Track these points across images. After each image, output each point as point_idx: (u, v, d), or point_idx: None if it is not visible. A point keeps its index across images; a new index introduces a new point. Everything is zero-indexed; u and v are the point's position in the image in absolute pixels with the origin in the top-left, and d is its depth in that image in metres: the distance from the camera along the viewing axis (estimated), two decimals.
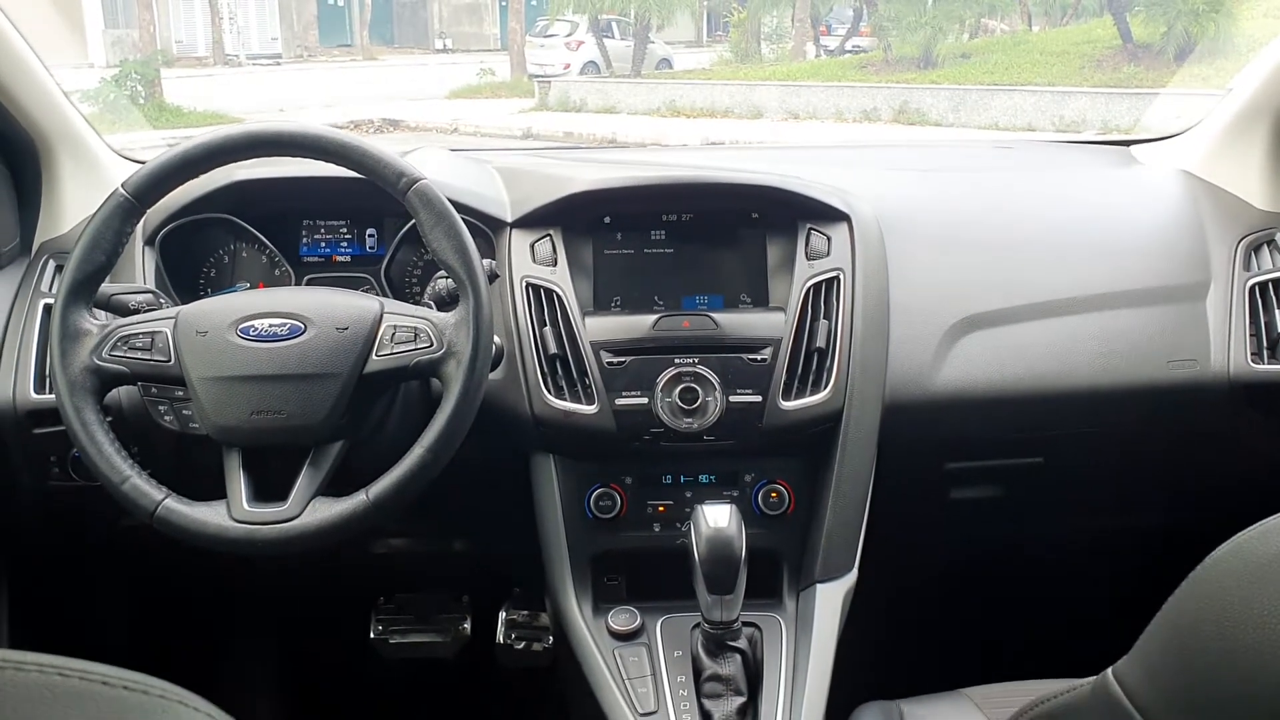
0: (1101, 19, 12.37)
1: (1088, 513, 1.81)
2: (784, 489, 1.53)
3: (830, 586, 1.48)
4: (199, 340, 1.30)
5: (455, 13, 20.36)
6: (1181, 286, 1.64)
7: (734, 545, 1.31)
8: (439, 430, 1.28)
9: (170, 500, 1.28)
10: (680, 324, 1.50)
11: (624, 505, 1.53)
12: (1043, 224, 1.71)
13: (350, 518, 1.27)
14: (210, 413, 1.29)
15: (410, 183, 1.30)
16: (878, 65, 12.31)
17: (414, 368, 1.30)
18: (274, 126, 1.33)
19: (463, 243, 1.30)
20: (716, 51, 16.41)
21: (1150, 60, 10.78)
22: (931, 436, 1.58)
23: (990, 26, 14.15)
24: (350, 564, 1.97)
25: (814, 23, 14.27)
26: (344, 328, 1.30)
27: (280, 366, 1.28)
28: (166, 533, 1.28)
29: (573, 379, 1.48)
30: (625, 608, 1.48)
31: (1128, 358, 1.58)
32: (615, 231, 1.59)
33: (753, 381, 1.48)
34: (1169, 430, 1.62)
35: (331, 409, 1.28)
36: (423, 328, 1.31)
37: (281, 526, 1.26)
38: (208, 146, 1.32)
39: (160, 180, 1.32)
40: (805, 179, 1.61)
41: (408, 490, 1.28)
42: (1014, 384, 1.56)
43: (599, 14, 14.05)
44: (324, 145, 1.31)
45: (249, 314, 1.31)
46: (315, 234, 1.67)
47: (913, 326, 1.56)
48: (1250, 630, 0.56)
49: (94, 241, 1.30)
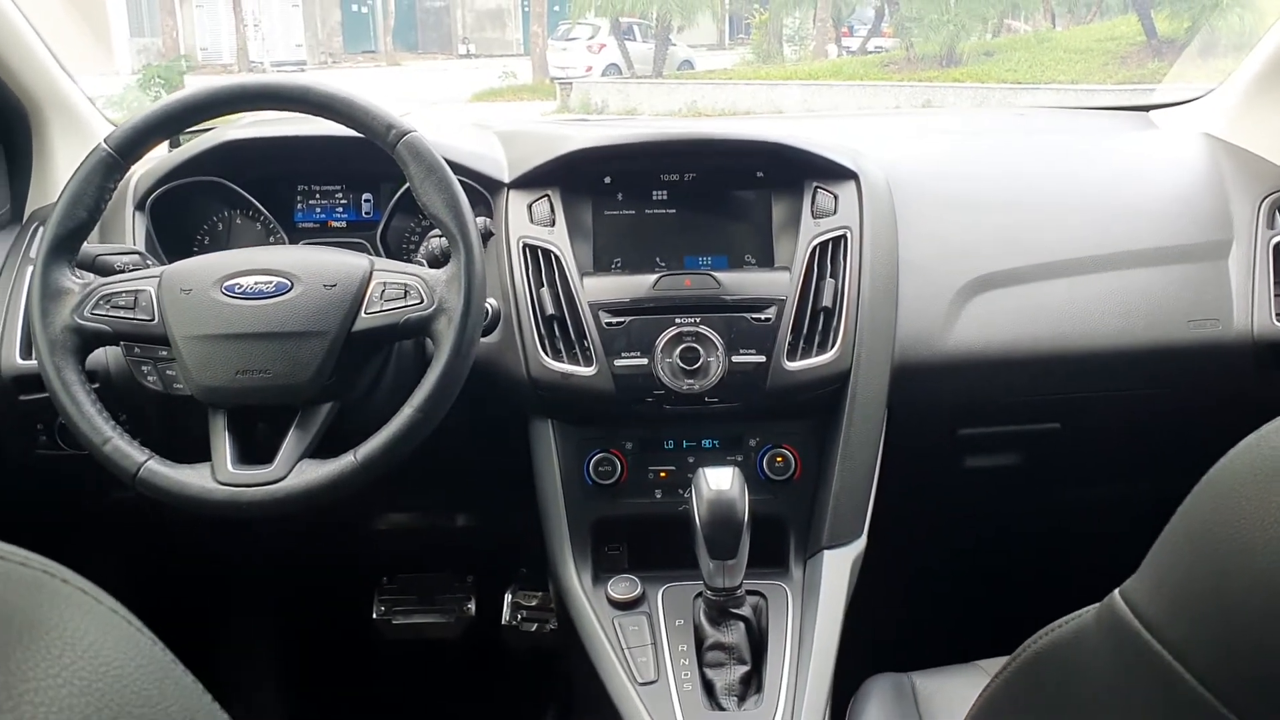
0: (1125, 16, 12.27)
1: (1106, 480, 1.76)
2: (790, 453, 1.48)
3: (838, 553, 1.44)
4: (183, 298, 1.27)
5: (478, 18, 20.45)
6: (1202, 245, 1.59)
7: (736, 508, 1.27)
8: (430, 389, 1.25)
9: (153, 462, 1.25)
10: (682, 283, 1.46)
11: (624, 471, 1.48)
12: (1058, 183, 1.67)
13: (338, 479, 1.24)
14: (194, 372, 1.26)
15: (400, 134, 1.27)
16: (900, 64, 12.25)
17: (404, 325, 1.27)
18: (260, 79, 1.30)
19: (454, 196, 1.27)
20: (738, 54, 16.40)
21: (1174, 55, 10.67)
22: (943, 400, 1.54)
23: (1014, 26, 14.07)
24: (352, 542, 1.95)
25: (835, 23, 14.22)
26: (332, 285, 1.27)
27: (266, 324, 1.25)
28: (149, 495, 1.25)
29: (570, 341, 1.44)
30: (626, 576, 1.44)
31: (1147, 317, 1.53)
32: (616, 192, 1.55)
33: (756, 342, 1.43)
34: (1189, 392, 1.57)
35: (319, 368, 1.25)
36: (413, 284, 1.28)
37: (267, 488, 1.24)
38: (192, 100, 1.29)
39: (143, 134, 1.29)
40: (811, 138, 1.57)
41: (397, 451, 1.24)
42: (1029, 345, 1.51)
43: (620, 17, 14.04)
44: (310, 97, 1.28)
45: (234, 271, 1.28)
46: (310, 199, 1.64)
47: (923, 286, 1.52)
48: (1266, 528, 0.51)
49: (75, 198, 1.27)
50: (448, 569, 1.99)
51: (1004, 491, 1.74)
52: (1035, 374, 1.53)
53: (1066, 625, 0.67)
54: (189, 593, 1.95)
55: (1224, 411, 1.59)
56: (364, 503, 1.78)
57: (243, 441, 1.29)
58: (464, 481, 1.72)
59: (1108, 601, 0.63)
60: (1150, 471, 1.72)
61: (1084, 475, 1.74)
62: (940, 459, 1.62)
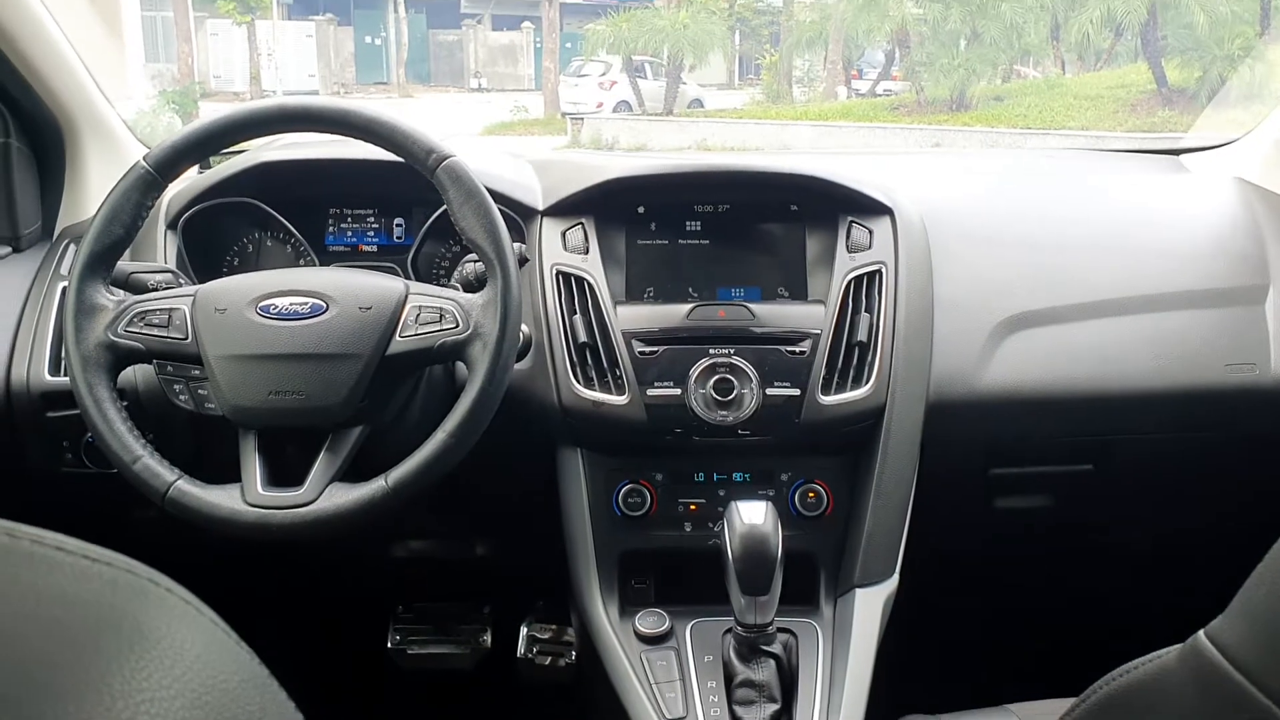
0: (1136, 64, 12.34)
1: (1140, 523, 1.74)
2: (822, 489, 1.46)
3: (870, 592, 1.41)
4: (217, 317, 1.26)
5: (491, 53, 20.64)
6: (1238, 289, 1.58)
7: (770, 543, 1.25)
8: (463, 414, 1.23)
9: (183, 482, 1.24)
10: (716, 314, 1.45)
11: (654, 503, 1.46)
12: (1092, 224, 1.66)
13: (369, 503, 1.23)
14: (227, 392, 1.25)
15: (440, 159, 1.26)
16: (910, 107, 12.32)
17: (439, 349, 1.26)
18: (301, 101, 1.30)
19: (493, 221, 1.26)
20: (748, 94, 16.52)
21: (1185, 104, 10.75)
22: (976, 439, 1.53)
23: (1024, 72, 14.16)
24: (369, 569, 1.92)
25: (845, 66, 14.32)
26: (367, 307, 1.26)
27: (300, 346, 1.24)
28: (178, 515, 1.24)
29: (603, 368, 1.43)
30: (653, 610, 1.42)
31: (1182, 360, 1.52)
32: (649, 222, 1.55)
33: (791, 375, 1.42)
34: (1225, 436, 1.56)
35: (352, 391, 1.24)
36: (449, 308, 1.26)
37: (297, 511, 1.22)
38: (232, 120, 1.29)
39: (183, 153, 1.29)
40: (846, 172, 1.56)
41: (429, 476, 1.23)
42: (1064, 385, 1.50)
43: (632, 55, 14.16)
44: (351, 120, 1.28)
45: (269, 291, 1.27)
46: (342, 223, 1.64)
47: (958, 323, 1.50)
48: None
49: (113, 214, 1.26)
50: (464, 599, 1.97)
51: (1035, 533, 1.72)
52: (1070, 414, 1.52)
53: (1143, 667, 0.65)
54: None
55: (1260, 455, 1.58)
56: (385, 529, 1.75)
57: (272, 463, 1.27)
58: (487, 509, 1.70)
59: (1192, 644, 0.61)
60: (1184, 515, 1.71)
61: (1116, 518, 1.72)
62: (972, 499, 1.60)
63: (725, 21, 15.76)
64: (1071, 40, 12.15)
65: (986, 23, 11.98)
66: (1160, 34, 11.28)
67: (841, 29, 13.29)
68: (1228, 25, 10.81)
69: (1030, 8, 12.07)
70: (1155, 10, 11.03)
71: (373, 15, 20.32)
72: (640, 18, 13.86)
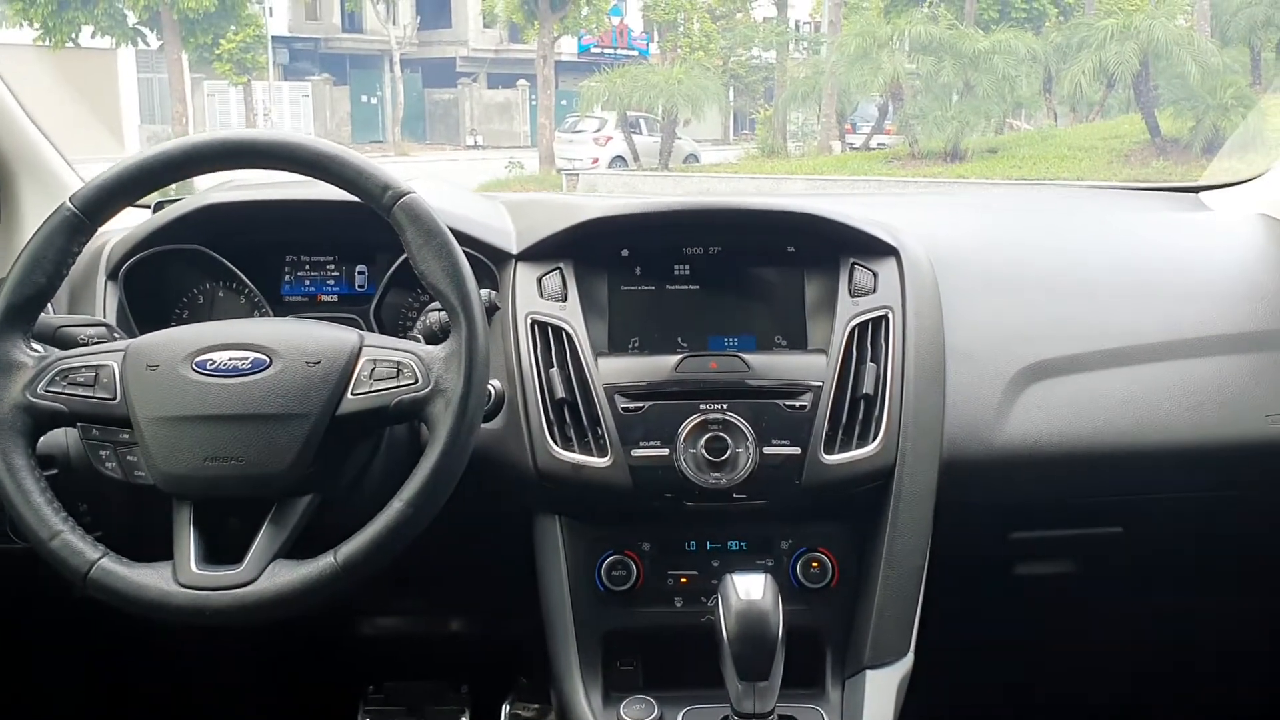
0: (1129, 115, 12.46)
1: (1175, 591, 1.65)
2: (826, 558, 1.36)
3: (882, 673, 1.32)
4: (149, 375, 1.16)
5: (486, 111, 20.84)
6: (1276, 333, 1.50)
7: (770, 621, 1.15)
8: (422, 480, 1.13)
9: (107, 560, 1.13)
10: (707, 365, 1.36)
11: (641, 576, 1.36)
12: (1114, 264, 1.59)
13: (315, 584, 1.12)
14: (158, 459, 1.14)
15: (397, 196, 1.16)
16: (904, 159, 12.40)
17: (395, 408, 1.15)
18: (244, 134, 1.20)
19: (455, 264, 1.16)
20: (743, 148, 16.65)
21: (1179, 155, 10.85)
22: (995, 500, 1.44)
23: (1017, 125, 14.28)
24: (336, 645, 1.81)
25: (839, 120, 14.44)
26: (315, 362, 1.16)
27: (240, 405, 1.14)
28: (102, 598, 1.14)
29: (583, 427, 1.33)
30: (641, 697, 1.32)
31: (1219, 411, 1.43)
32: (634, 266, 1.46)
33: (790, 432, 1.32)
34: (1268, 495, 1.47)
35: (298, 455, 1.14)
36: (407, 362, 1.16)
37: (234, 593, 1.12)
38: (168, 155, 1.18)
39: (112, 192, 1.18)
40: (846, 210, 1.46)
41: (383, 551, 1.12)
42: (1090, 439, 1.41)
43: (627, 110, 14.27)
44: (298, 154, 1.18)
45: (207, 345, 1.17)
46: (299, 271, 1.54)
47: (972, 373, 1.42)
48: None
49: (34, 261, 1.16)
50: (440, 677, 1.87)
51: (1061, 603, 1.64)
52: (1097, 472, 1.44)
53: None
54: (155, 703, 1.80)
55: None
56: (348, 606, 1.63)
57: (211, 538, 1.17)
58: (459, 583, 1.61)
59: None
60: (1225, 582, 1.60)
61: (1150, 585, 1.64)
62: (990, 566, 1.53)
63: (719, 77, 15.92)
64: (1064, 92, 12.30)
65: (979, 75, 12.12)
66: (1153, 84, 11.42)
67: (835, 83, 13.45)
68: (1219, 75, 10.96)
69: (1022, 60, 12.23)
70: (1147, 61, 11.16)
71: (369, 75, 20.58)
72: (635, 73, 14.04)
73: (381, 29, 19.36)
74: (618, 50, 19.71)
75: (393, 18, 19.56)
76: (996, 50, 12.05)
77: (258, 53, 16.14)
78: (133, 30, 14.45)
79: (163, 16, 14.14)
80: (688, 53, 17.20)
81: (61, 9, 13.23)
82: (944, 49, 12.19)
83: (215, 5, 14.21)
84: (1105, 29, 11.53)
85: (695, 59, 16.35)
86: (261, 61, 16.71)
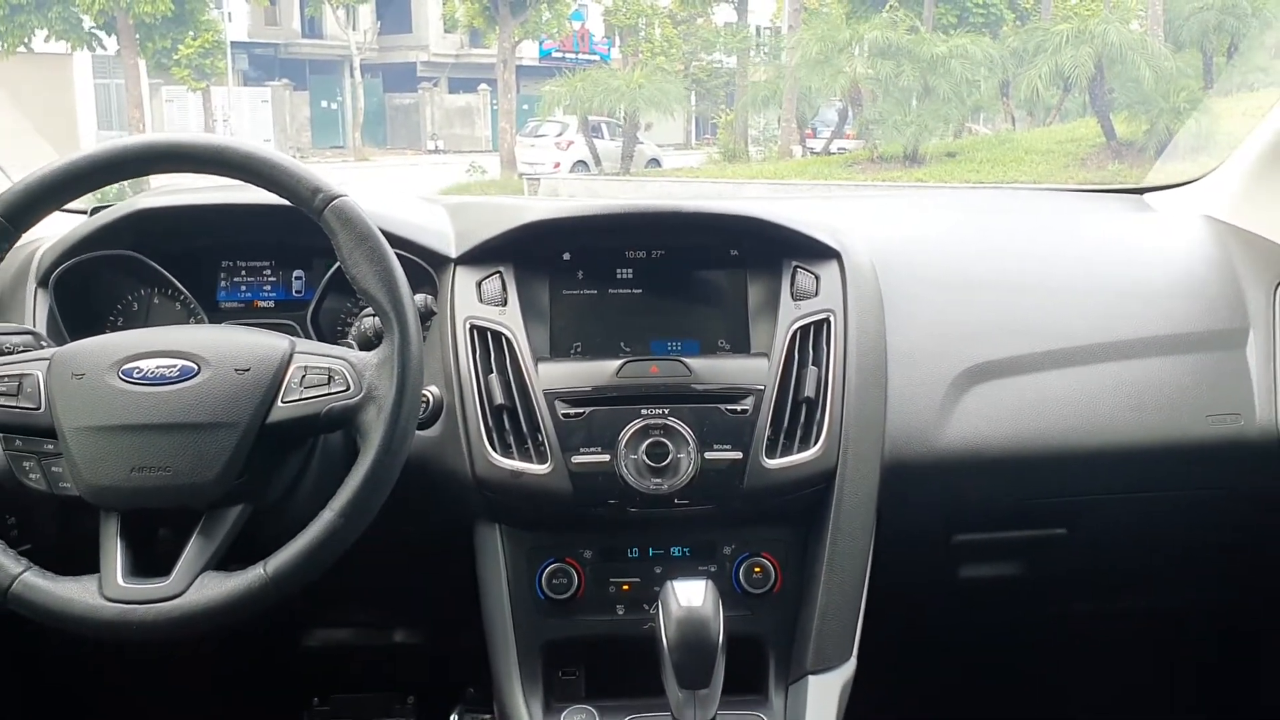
0: (1085, 119, 12.57)
1: (1120, 591, 1.64)
2: (769, 563, 1.35)
3: (825, 678, 1.30)
4: (74, 384, 1.13)
5: (447, 115, 20.76)
6: (1217, 333, 1.50)
7: (710, 628, 1.13)
8: (354, 489, 1.10)
9: (30, 574, 1.10)
10: (648, 370, 1.34)
11: (582, 584, 1.34)
12: (1058, 264, 1.58)
13: (244, 596, 1.09)
14: (83, 469, 1.11)
15: (328, 199, 1.14)
16: (864, 164, 12.46)
17: (326, 416, 1.13)
18: (170, 137, 1.17)
19: (388, 268, 1.14)
20: (705, 153, 16.66)
21: (1134, 157, 10.96)
22: (938, 503, 1.43)
23: (975, 129, 14.37)
24: (278, 657, 1.77)
25: (800, 125, 14.48)
26: (244, 369, 1.13)
27: (167, 414, 1.11)
28: (25, 613, 1.10)
29: (522, 434, 1.31)
30: (582, 707, 1.32)
31: (1161, 411, 1.43)
32: (576, 269, 1.44)
33: (732, 436, 1.30)
34: (1210, 494, 1.47)
35: (226, 465, 1.11)
36: (338, 369, 1.14)
37: (161, 606, 1.09)
38: (93, 159, 1.15)
39: (36, 197, 1.15)
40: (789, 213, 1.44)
41: (315, 562, 1.10)
42: (1033, 441, 1.40)
43: (589, 114, 14.24)
44: (226, 157, 1.15)
45: (134, 353, 1.14)
46: (235, 276, 1.50)
47: (915, 375, 1.40)
48: None
49: None
50: (386, 688, 1.83)
51: (1005, 605, 1.63)
52: (1040, 473, 1.43)
53: None
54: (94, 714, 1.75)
55: (1248, 515, 1.47)
56: (288, 617, 1.60)
57: (140, 550, 1.13)
58: (405, 595, 1.59)
59: None
60: (1171, 581, 1.60)
61: (1095, 586, 1.63)
62: (934, 569, 1.51)
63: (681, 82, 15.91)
64: (1021, 96, 12.38)
65: (937, 79, 12.18)
66: (1108, 88, 11.53)
67: (795, 88, 13.46)
68: (1173, 79, 11.07)
69: (980, 64, 12.29)
70: (1102, 65, 11.27)
71: (329, 80, 20.44)
72: (595, 77, 14.00)
73: (341, 34, 19.22)
74: (579, 55, 19.69)
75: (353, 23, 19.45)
76: (954, 55, 12.12)
77: (216, 58, 15.96)
78: (88, 34, 14.23)
79: (119, 21, 13.93)
80: (649, 57, 17.20)
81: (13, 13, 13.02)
82: (903, 53, 12.24)
83: (172, 10, 14.03)
84: (1061, 33, 11.63)
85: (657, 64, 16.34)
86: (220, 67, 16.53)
